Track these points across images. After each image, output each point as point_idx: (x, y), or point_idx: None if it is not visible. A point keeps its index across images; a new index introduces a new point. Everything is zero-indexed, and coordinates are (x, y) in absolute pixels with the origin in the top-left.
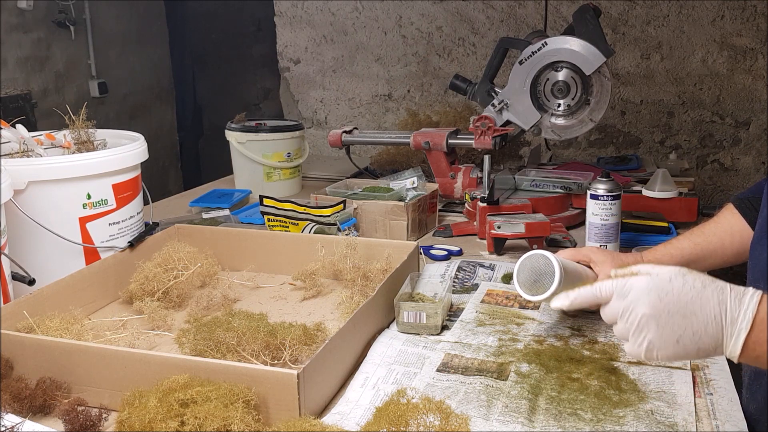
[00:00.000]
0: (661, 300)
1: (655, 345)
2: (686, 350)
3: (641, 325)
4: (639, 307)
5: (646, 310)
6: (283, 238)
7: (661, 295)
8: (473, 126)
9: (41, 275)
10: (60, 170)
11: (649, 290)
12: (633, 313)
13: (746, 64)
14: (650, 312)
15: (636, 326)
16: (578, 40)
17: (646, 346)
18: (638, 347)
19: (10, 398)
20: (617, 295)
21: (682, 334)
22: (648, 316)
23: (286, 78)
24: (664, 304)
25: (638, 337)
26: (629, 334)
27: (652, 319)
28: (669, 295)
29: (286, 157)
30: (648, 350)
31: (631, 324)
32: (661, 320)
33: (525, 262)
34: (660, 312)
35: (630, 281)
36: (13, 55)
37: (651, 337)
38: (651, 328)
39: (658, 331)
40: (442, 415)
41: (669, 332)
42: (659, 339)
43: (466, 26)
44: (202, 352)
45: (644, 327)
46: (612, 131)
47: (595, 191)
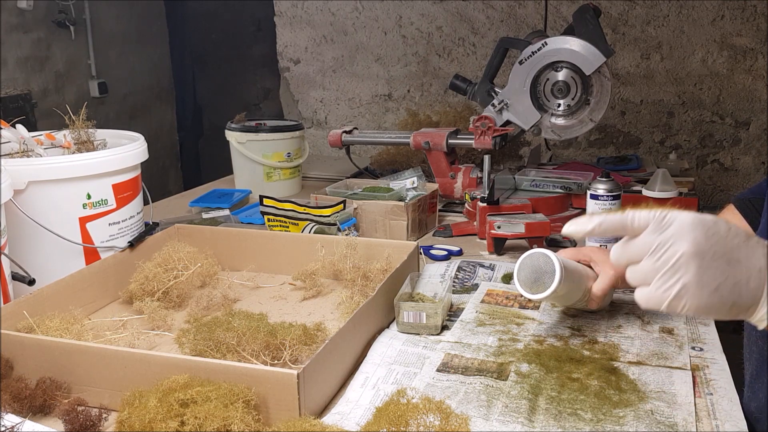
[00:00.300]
0: (707, 239)
1: (689, 290)
2: (722, 302)
3: (678, 265)
4: (680, 243)
5: (688, 248)
6: (283, 238)
7: (708, 233)
8: (473, 126)
9: (41, 275)
10: (60, 170)
11: (694, 226)
12: (671, 249)
13: (746, 64)
14: (693, 250)
15: (671, 265)
16: (578, 40)
17: (677, 290)
18: (665, 292)
19: (10, 398)
20: (654, 226)
21: (722, 283)
22: (690, 254)
23: (286, 78)
24: (710, 245)
25: (670, 278)
26: (657, 275)
27: (695, 258)
28: (716, 236)
29: (286, 157)
30: (677, 297)
31: (664, 262)
32: (704, 262)
33: (525, 261)
34: (705, 252)
35: (672, 213)
36: (13, 55)
37: (687, 281)
38: (690, 270)
39: (698, 274)
40: (442, 415)
41: (710, 278)
42: (696, 284)
43: (466, 26)
44: (202, 352)
45: (681, 267)
46: (612, 131)
47: (595, 191)
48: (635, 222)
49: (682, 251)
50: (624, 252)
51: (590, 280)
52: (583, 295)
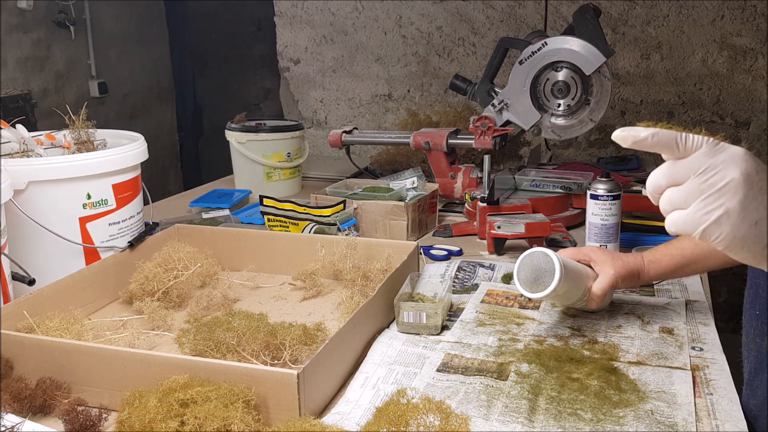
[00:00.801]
0: (758, 172)
1: (731, 218)
2: (757, 239)
3: (726, 189)
4: (731, 168)
5: (738, 175)
6: (283, 238)
7: (758, 168)
8: (473, 126)
9: (41, 275)
10: (60, 170)
11: (747, 157)
12: (721, 172)
13: (746, 64)
14: (743, 178)
15: (718, 188)
16: (578, 40)
17: (719, 214)
18: (705, 215)
19: (10, 398)
20: (707, 150)
21: (762, 218)
22: (739, 181)
23: (286, 78)
24: (759, 178)
25: (714, 201)
26: (700, 197)
27: (743, 186)
28: (764, 173)
29: (286, 157)
30: (716, 222)
31: (711, 184)
32: (751, 192)
33: (525, 260)
34: (753, 183)
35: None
36: (13, 55)
37: (731, 207)
38: (737, 197)
39: (743, 203)
40: (442, 415)
41: (753, 209)
42: (739, 212)
43: (466, 26)
44: (202, 352)
45: (728, 192)
46: (612, 131)
47: (595, 191)
48: (688, 142)
49: (732, 176)
50: (668, 172)
51: (590, 279)
52: (583, 294)
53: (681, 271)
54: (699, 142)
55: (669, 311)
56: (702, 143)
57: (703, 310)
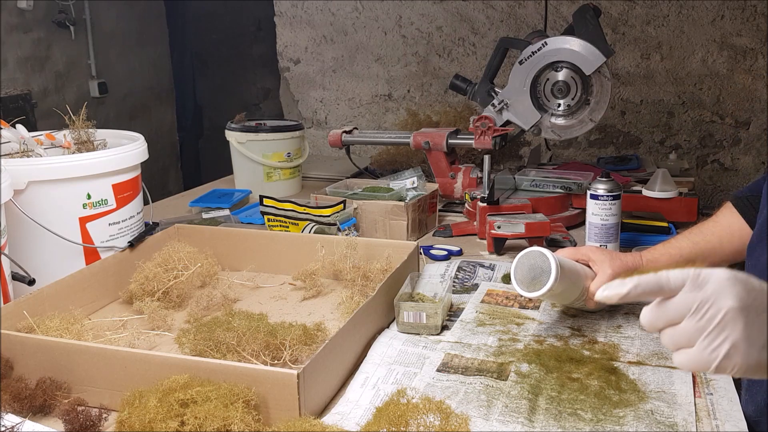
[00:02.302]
0: (748, 293)
1: (739, 349)
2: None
3: (724, 322)
4: (723, 299)
5: (733, 304)
6: (283, 238)
7: (747, 288)
8: (473, 126)
9: (41, 275)
10: (60, 170)
11: (734, 281)
12: (714, 306)
13: (746, 64)
14: (739, 305)
15: (716, 323)
16: (578, 40)
17: (726, 350)
18: (713, 352)
19: (10, 398)
20: (691, 284)
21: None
22: (736, 310)
23: (286, 78)
24: (752, 299)
25: (717, 338)
26: (702, 335)
27: (741, 314)
28: (755, 291)
29: (286, 157)
30: (727, 356)
31: (709, 320)
32: (750, 317)
33: (522, 260)
34: (749, 307)
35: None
36: (13, 55)
37: (735, 338)
38: (738, 327)
39: (746, 331)
40: (442, 415)
41: (757, 333)
42: (745, 341)
43: (466, 26)
44: (202, 352)
45: (728, 324)
46: (612, 131)
47: (595, 191)
48: (671, 281)
49: (727, 308)
50: (661, 313)
51: (588, 279)
52: (581, 293)
53: None
54: (681, 278)
55: None
56: (684, 279)
57: None
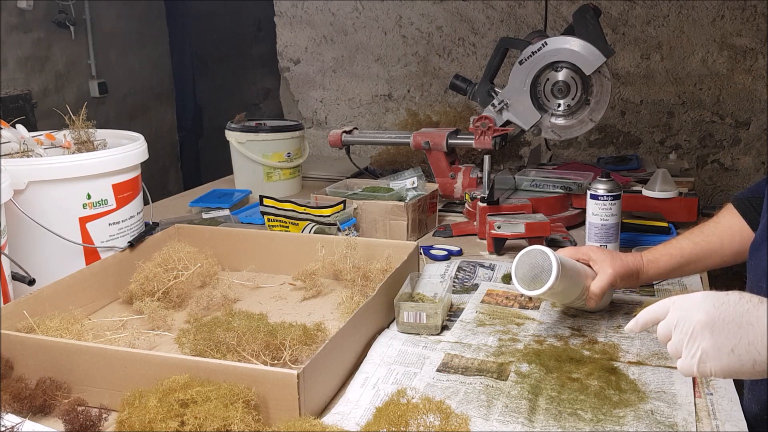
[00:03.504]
0: (716, 308)
1: (709, 355)
2: (741, 362)
3: (695, 333)
4: (694, 315)
5: (701, 317)
6: (283, 238)
7: (716, 303)
8: (473, 126)
9: (41, 275)
10: (60, 170)
11: (704, 298)
12: (687, 321)
13: (746, 64)
14: (705, 319)
15: (690, 335)
16: (578, 40)
17: (699, 356)
18: (691, 358)
19: (10, 398)
20: (674, 307)
21: (737, 344)
22: (703, 323)
23: (286, 78)
24: (719, 312)
25: (692, 346)
26: (683, 345)
27: (707, 326)
28: (725, 305)
29: (286, 157)
30: (701, 361)
31: (685, 333)
32: (715, 327)
33: (523, 258)
34: (715, 319)
35: (683, 296)
36: (13, 55)
37: (705, 346)
38: (705, 336)
39: (713, 339)
40: (442, 415)
41: (723, 340)
42: (713, 347)
43: (466, 26)
44: (202, 352)
45: (698, 335)
46: (612, 131)
47: (595, 191)
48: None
49: (696, 320)
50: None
51: (588, 278)
52: (582, 293)
53: (680, 271)
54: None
55: None
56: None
57: None
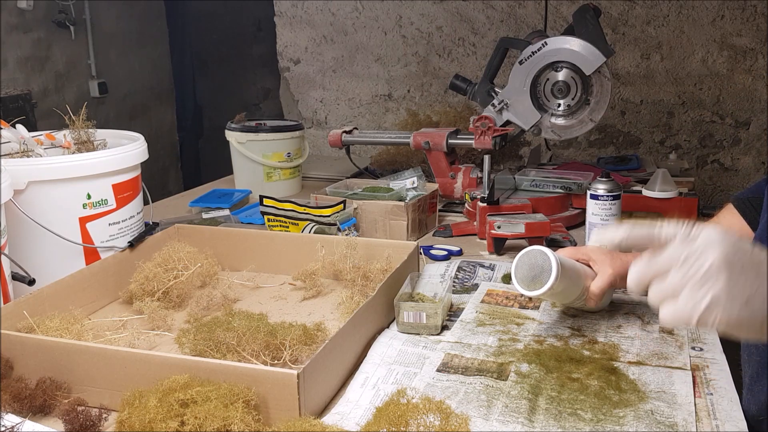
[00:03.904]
0: (735, 251)
1: (720, 302)
2: (753, 317)
3: (709, 274)
4: (709, 252)
5: (717, 257)
6: (283, 238)
7: (736, 246)
8: (473, 126)
9: (41, 275)
10: (60, 170)
11: (722, 237)
12: (700, 258)
13: (746, 64)
14: (723, 259)
15: (702, 275)
16: (578, 40)
17: (708, 302)
18: (695, 303)
19: (10, 398)
20: (682, 238)
21: (752, 295)
22: (719, 263)
23: (286, 78)
24: (738, 257)
25: (700, 289)
26: (687, 286)
27: (724, 267)
28: (742, 250)
29: (286, 157)
30: (708, 309)
31: (695, 272)
32: (734, 271)
33: (523, 258)
34: (734, 262)
35: (697, 228)
36: (13, 55)
37: (717, 291)
38: (720, 279)
39: (728, 284)
40: (442, 415)
41: (740, 289)
42: (727, 294)
43: (466, 26)
44: (202, 352)
45: (712, 277)
46: (612, 131)
47: (595, 191)
48: (662, 234)
49: (711, 260)
50: (650, 266)
51: (588, 278)
52: (581, 293)
53: None
54: (673, 231)
55: None
56: (677, 232)
57: None
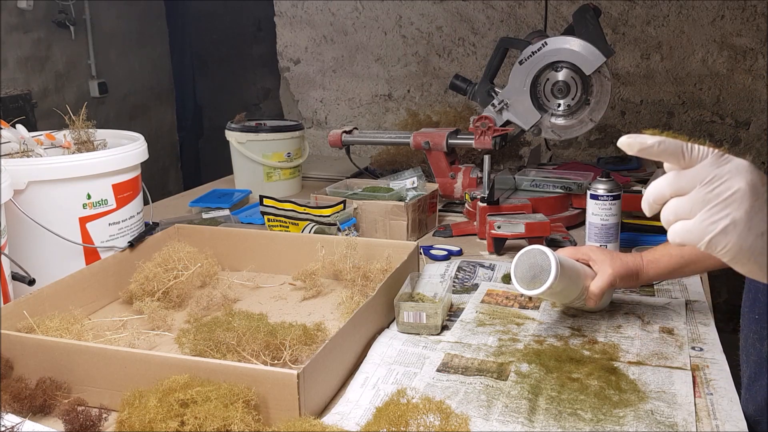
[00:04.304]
0: (762, 183)
1: (737, 228)
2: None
3: (732, 199)
4: (737, 179)
5: (744, 185)
6: (283, 238)
7: (762, 180)
8: (473, 126)
9: (41, 275)
10: (60, 170)
11: (751, 169)
12: (727, 182)
13: (746, 64)
14: (749, 189)
15: (724, 198)
16: (578, 40)
17: (725, 224)
18: (711, 225)
19: (10, 398)
20: (713, 160)
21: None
22: (745, 191)
23: (286, 78)
24: (764, 190)
25: (720, 211)
26: (706, 206)
27: (749, 196)
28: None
29: (286, 157)
30: (723, 232)
31: (717, 194)
32: (757, 203)
33: (522, 258)
34: (759, 193)
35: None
36: (13, 55)
37: (737, 217)
38: (743, 207)
39: (749, 213)
40: (442, 415)
41: (759, 219)
42: (745, 222)
43: (466, 26)
44: (202, 352)
45: (735, 202)
46: (612, 131)
47: (595, 191)
48: (693, 151)
49: (737, 186)
50: (673, 181)
51: (588, 278)
52: (581, 293)
53: (680, 271)
54: (705, 152)
55: (669, 311)
56: (707, 153)
57: (703, 310)
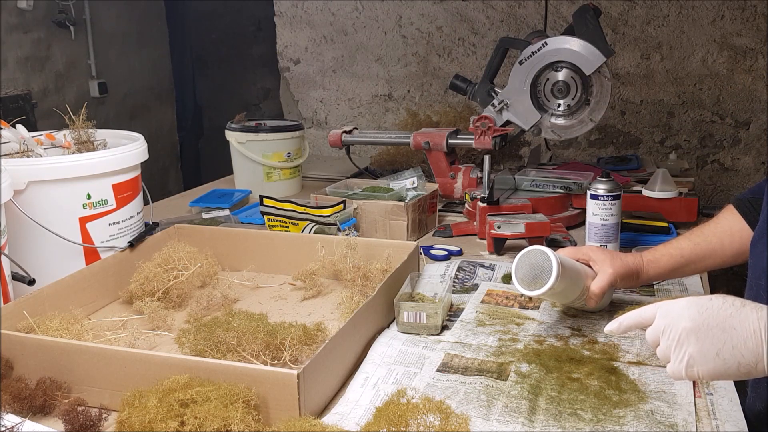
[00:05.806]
0: (701, 314)
1: (695, 359)
2: (726, 365)
3: (681, 340)
4: (680, 321)
5: (686, 324)
6: (283, 238)
7: (700, 310)
8: (473, 126)
9: (41, 275)
10: (60, 170)
11: (689, 305)
12: (674, 328)
13: (746, 64)
14: (690, 325)
15: (677, 341)
16: (578, 40)
17: (687, 361)
18: (679, 363)
19: (10, 398)
20: (660, 315)
21: (721, 348)
22: (688, 329)
23: (286, 78)
24: (704, 318)
25: (679, 352)
26: (671, 351)
27: (692, 332)
28: (708, 311)
29: (286, 157)
30: (689, 366)
31: (672, 340)
32: (700, 333)
33: (523, 258)
34: (700, 325)
35: (670, 302)
36: (13, 55)
37: (691, 351)
38: (691, 342)
39: (698, 344)
40: (442, 415)
41: (708, 345)
42: (699, 352)
43: (466, 26)
44: (202, 352)
45: (684, 341)
46: (612, 131)
47: (595, 191)
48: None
49: (682, 327)
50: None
51: (588, 278)
52: (582, 293)
53: (680, 271)
54: (653, 311)
55: None
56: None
57: None
